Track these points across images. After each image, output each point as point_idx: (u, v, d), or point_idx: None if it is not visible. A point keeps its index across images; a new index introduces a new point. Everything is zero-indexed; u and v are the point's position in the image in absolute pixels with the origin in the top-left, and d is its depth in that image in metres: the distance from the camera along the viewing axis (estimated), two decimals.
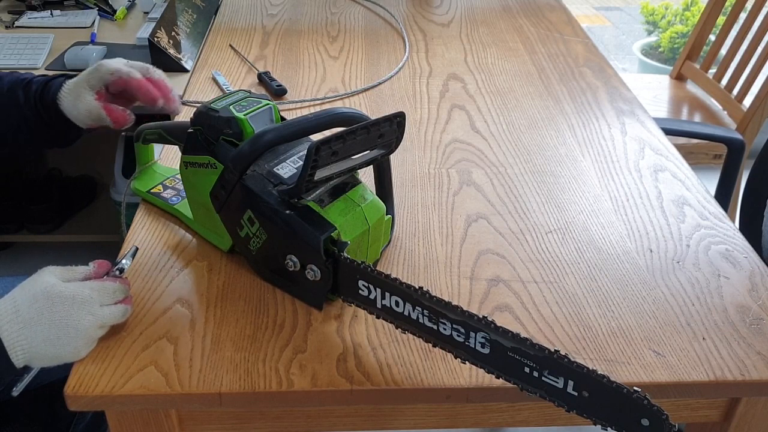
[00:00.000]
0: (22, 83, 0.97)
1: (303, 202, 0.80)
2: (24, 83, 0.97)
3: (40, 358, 0.73)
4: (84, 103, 0.91)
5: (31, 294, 0.73)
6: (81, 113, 0.91)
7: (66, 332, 0.73)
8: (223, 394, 0.73)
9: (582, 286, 0.87)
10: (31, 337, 0.72)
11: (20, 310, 0.72)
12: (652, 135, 1.21)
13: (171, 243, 0.94)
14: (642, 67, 3.26)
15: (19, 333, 0.71)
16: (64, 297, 0.73)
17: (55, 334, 0.72)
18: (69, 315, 0.73)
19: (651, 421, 0.61)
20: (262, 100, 0.89)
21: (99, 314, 0.74)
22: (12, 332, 0.71)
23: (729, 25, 2.01)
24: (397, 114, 0.80)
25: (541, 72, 1.43)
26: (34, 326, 0.72)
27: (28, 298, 0.73)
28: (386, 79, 1.38)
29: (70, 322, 0.73)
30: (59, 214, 2.06)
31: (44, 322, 0.72)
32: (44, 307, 0.72)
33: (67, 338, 0.73)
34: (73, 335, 0.73)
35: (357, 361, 0.77)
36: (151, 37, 1.46)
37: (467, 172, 1.10)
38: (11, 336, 0.71)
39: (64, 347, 0.73)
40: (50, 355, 0.73)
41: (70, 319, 0.73)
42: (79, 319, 0.73)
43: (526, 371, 0.66)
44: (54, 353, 0.73)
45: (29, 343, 0.72)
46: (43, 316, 0.72)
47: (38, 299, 0.72)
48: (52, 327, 0.72)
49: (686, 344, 0.79)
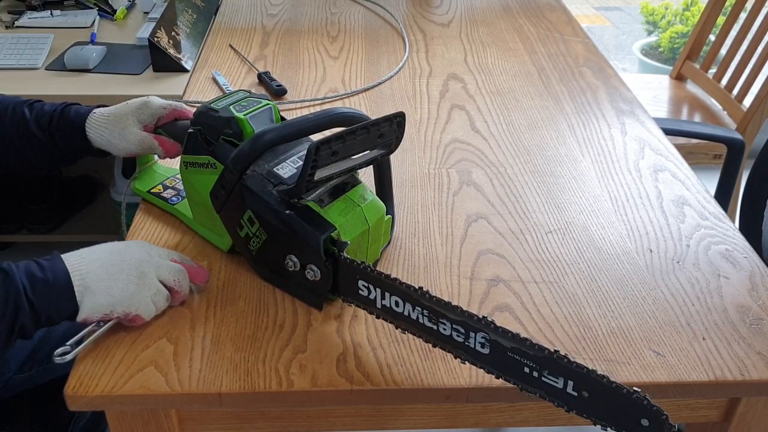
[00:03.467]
0: (25, 103, 0.99)
1: (303, 202, 0.80)
2: (28, 103, 0.99)
3: (93, 292, 0.75)
4: (134, 135, 0.96)
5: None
6: (131, 143, 0.96)
7: (120, 264, 0.77)
8: (223, 394, 0.73)
9: (582, 286, 0.87)
10: (89, 262, 0.76)
11: (87, 251, 0.79)
12: (652, 135, 1.21)
13: (171, 243, 0.94)
14: (642, 67, 3.26)
15: (79, 259, 0.77)
16: (131, 243, 0.81)
17: (110, 260, 0.77)
18: (128, 248, 0.79)
19: (651, 422, 0.61)
20: (262, 100, 0.89)
21: (157, 263, 0.79)
22: (72, 257, 0.77)
23: (729, 25, 2.01)
24: (397, 114, 0.80)
25: (541, 72, 1.43)
26: (92, 254, 0.78)
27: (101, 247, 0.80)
28: (386, 79, 1.38)
29: (126, 256, 0.78)
30: (59, 214, 2.06)
31: (103, 251, 0.78)
32: (107, 245, 0.79)
33: (119, 269, 0.76)
34: (125, 268, 0.77)
35: (357, 361, 0.77)
36: (151, 37, 1.46)
37: (467, 172, 1.10)
38: (73, 260, 0.76)
39: (116, 279, 0.76)
40: (103, 288, 0.75)
41: (128, 252, 0.78)
42: (137, 254, 0.78)
43: (525, 371, 0.66)
44: (107, 285, 0.76)
45: (87, 267, 0.76)
46: (104, 248, 0.79)
47: (107, 244, 0.80)
48: (110, 255, 0.78)
49: (686, 344, 0.79)
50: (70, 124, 0.96)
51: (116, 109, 0.97)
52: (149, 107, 0.97)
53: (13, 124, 0.96)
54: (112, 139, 0.95)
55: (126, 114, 0.96)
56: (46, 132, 0.96)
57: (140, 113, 0.97)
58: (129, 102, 0.98)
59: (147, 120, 0.97)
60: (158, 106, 0.97)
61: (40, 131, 0.96)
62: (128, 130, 0.96)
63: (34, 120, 0.97)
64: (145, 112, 0.97)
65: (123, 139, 0.96)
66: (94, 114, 0.97)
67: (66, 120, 0.97)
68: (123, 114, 0.96)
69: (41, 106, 0.98)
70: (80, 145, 0.97)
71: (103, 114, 0.97)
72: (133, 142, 0.96)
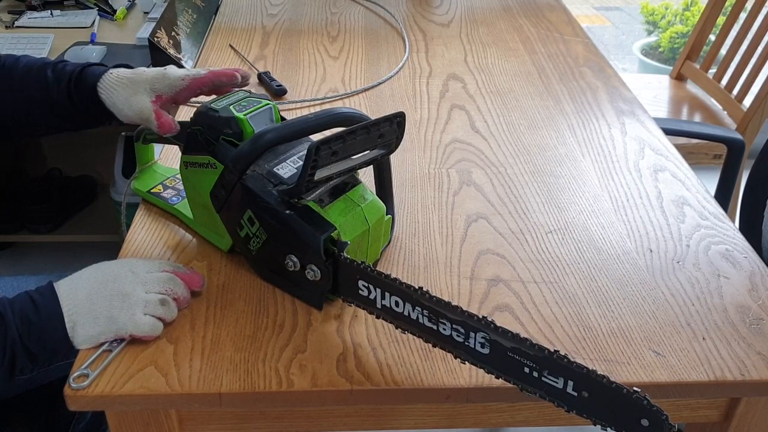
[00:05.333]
0: (50, 64, 0.97)
1: (303, 202, 0.80)
2: (53, 64, 0.97)
3: (81, 324, 0.76)
4: (139, 102, 0.92)
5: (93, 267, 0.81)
6: (132, 109, 0.93)
7: (103, 291, 0.77)
8: (223, 394, 0.73)
9: (582, 286, 0.87)
10: (77, 292, 0.77)
11: (77, 278, 0.79)
12: (652, 135, 1.21)
13: (171, 243, 0.94)
14: (642, 67, 3.26)
15: (69, 289, 0.77)
16: (115, 264, 0.80)
17: (95, 288, 0.77)
18: (111, 271, 0.79)
19: (651, 422, 0.61)
20: (262, 100, 0.89)
21: (144, 278, 0.79)
22: (64, 288, 0.78)
23: (729, 25, 2.01)
24: (397, 114, 0.80)
25: (541, 72, 1.43)
26: (80, 281, 0.78)
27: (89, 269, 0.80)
28: (386, 79, 1.38)
29: (108, 280, 0.78)
30: (59, 214, 2.06)
31: (89, 278, 0.78)
32: (94, 270, 0.80)
33: (102, 296, 0.77)
34: (108, 294, 0.77)
35: (357, 361, 0.77)
36: (151, 37, 1.46)
37: (467, 172, 1.10)
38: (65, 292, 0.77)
39: (100, 306, 0.76)
40: (90, 320, 0.76)
41: (111, 275, 0.79)
42: (120, 276, 0.78)
43: (525, 371, 0.66)
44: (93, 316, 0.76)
45: (74, 301, 0.76)
46: (91, 273, 0.79)
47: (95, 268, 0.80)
48: (95, 282, 0.78)
49: (686, 344, 0.79)
50: (85, 83, 0.94)
51: (133, 73, 0.94)
52: (167, 78, 0.93)
53: (37, 86, 0.95)
54: (117, 101, 0.93)
55: (141, 81, 0.93)
56: (64, 92, 0.94)
57: (156, 82, 0.93)
58: (147, 69, 0.95)
59: (163, 90, 0.93)
60: (176, 77, 0.93)
61: (59, 92, 0.95)
62: (136, 97, 0.92)
63: (54, 81, 0.95)
64: (162, 82, 0.93)
65: (126, 104, 0.93)
66: (110, 74, 0.94)
67: (82, 79, 0.94)
68: (138, 80, 0.93)
69: (63, 66, 0.96)
70: (93, 107, 0.95)
71: (119, 76, 0.94)
72: (134, 109, 0.92)
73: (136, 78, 0.93)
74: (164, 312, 0.78)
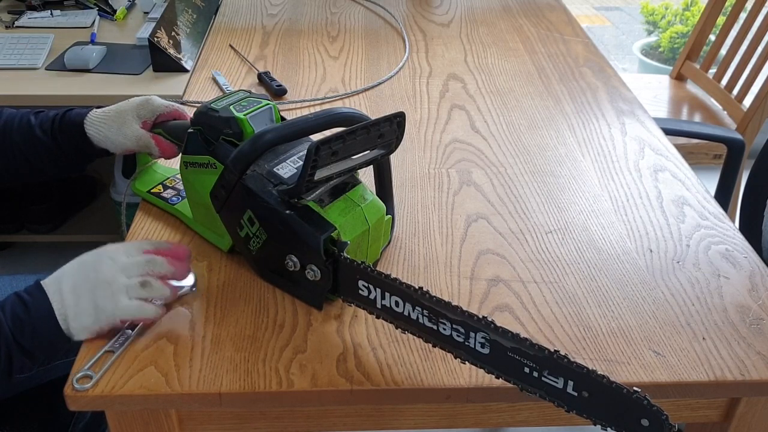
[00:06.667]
0: (32, 112, 1.01)
1: (303, 202, 0.80)
2: (35, 113, 1.01)
3: (73, 317, 0.76)
4: (133, 131, 0.97)
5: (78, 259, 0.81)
6: (128, 138, 0.97)
7: (86, 282, 0.77)
8: (223, 394, 0.73)
9: (582, 286, 0.87)
10: (63, 285, 0.77)
11: (61, 274, 0.79)
12: (652, 135, 1.21)
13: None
14: (642, 67, 3.26)
15: (56, 284, 0.78)
16: (95, 254, 0.80)
17: (79, 281, 0.77)
18: (92, 260, 0.79)
19: (651, 422, 0.61)
20: (262, 100, 0.89)
21: (123, 264, 0.79)
22: (51, 286, 0.78)
23: (729, 25, 2.01)
24: (397, 114, 0.80)
25: (541, 72, 1.43)
26: (64, 277, 0.78)
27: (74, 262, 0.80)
28: (386, 79, 1.38)
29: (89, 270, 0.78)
30: (59, 214, 2.06)
31: (73, 272, 0.78)
32: (76, 264, 0.79)
33: (86, 288, 0.77)
34: (90, 285, 0.77)
35: (357, 361, 0.77)
36: (151, 37, 1.46)
37: (467, 172, 1.10)
38: (51, 288, 0.77)
39: (86, 298, 0.76)
40: (81, 311, 0.76)
41: (92, 265, 0.78)
42: (99, 264, 0.78)
43: (526, 371, 0.66)
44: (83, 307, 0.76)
45: (61, 295, 0.76)
46: (74, 267, 0.79)
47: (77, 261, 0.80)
48: (78, 274, 0.78)
49: (686, 344, 0.79)
50: (70, 124, 0.97)
51: (117, 105, 0.98)
52: (150, 104, 0.98)
53: (20, 133, 0.98)
54: (110, 134, 0.96)
55: (126, 110, 0.97)
56: (48, 134, 0.97)
57: (141, 109, 0.97)
58: (130, 100, 0.99)
59: (147, 116, 0.98)
60: (159, 104, 0.98)
61: (43, 135, 0.97)
62: (127, 126, 0.96)
63: (38, 125, 0.98)
64: (146, 108, 0.98)
65: (120, 134, 0.96)
66: (94, 112, 0.98)
67: (67, 121, 0.98)
68: (123, 110, 0.97)
69: (46, 113, 1.00)
70: (81, 145, 0.97)
71: (103, 111, 0.98)
72: (131, 138, 0.97)
73: (121, 109, 0.98)
74: (148, 293, 0.79)
